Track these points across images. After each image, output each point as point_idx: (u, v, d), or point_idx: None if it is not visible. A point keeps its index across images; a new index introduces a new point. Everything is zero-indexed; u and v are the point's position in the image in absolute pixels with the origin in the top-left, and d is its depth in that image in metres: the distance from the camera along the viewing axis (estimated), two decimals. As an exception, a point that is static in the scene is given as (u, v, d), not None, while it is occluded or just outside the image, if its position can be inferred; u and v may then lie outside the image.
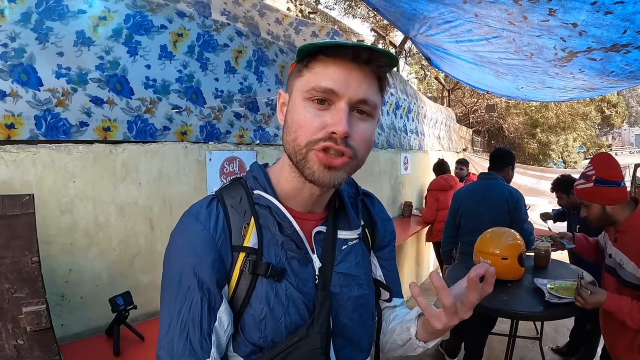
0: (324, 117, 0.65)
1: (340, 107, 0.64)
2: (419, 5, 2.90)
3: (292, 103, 0.70)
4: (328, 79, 0.64)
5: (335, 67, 0.64)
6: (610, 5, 2.16)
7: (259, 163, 0.82)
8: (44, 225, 1.50)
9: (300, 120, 0.67)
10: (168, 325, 0.66)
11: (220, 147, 2.14)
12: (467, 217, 2.99)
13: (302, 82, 0.68)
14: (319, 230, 0.78)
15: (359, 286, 0.80)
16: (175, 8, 1.95)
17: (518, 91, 4.86)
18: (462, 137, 9.55)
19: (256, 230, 0.72)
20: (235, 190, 0.76)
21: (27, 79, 1.52)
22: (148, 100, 1.86)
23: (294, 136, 0.67)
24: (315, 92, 0.65)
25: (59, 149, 1.56)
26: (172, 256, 0.70)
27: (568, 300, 1.89)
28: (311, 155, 0.66)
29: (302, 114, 0.66)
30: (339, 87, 0.64)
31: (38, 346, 1.15)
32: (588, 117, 16.38)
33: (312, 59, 0.66)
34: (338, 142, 0.64)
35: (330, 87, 0.64)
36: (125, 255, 1.73)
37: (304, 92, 0.66)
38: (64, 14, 1.59)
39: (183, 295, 0.66)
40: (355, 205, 0.85)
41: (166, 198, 1.87)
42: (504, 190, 2.89)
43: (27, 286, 1.13)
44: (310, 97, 0.66)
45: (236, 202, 0.74)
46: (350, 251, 0.80)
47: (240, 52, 2.27)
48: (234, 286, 0.71)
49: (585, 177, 1.91)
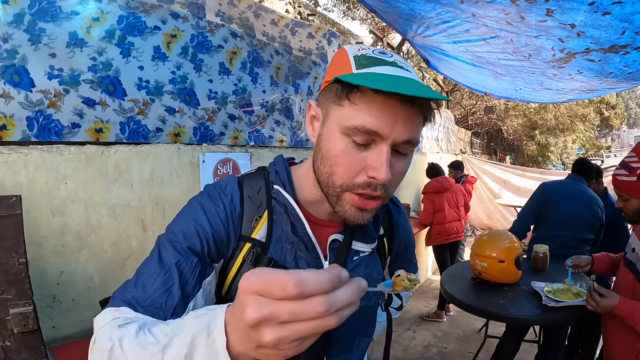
0: (364, 157, 0.61)
1: (382, 149, 0.60)
2: (416, 5, 2.89)
3: (327, 130, 0.65)
4: (373, 119, 0.58)
5: (381, 105, 0.58)
6: (609, 5, 2.15)
7: (283, 157, 0.81)
8: (35, 227, 1.49)
9: (338, 157, 0.62)
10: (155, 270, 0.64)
11: (214, 148, 2.13)
12: (564, 208, 2.80)
13: (342, 113, 0.62)
14: (335, 238, 0.76)
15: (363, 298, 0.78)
16: (169, 9, 1.95)
17: (516, 92, 4.85)
18: (461, 139, 9.55)
19: (267, 225, 0.72)
20: (255, 180, 0.76)
21: (20, 80, 1.52)
22: (141, 101, 1.85)
23: (330, 171, 0.64)
24: (357, 132, 0.60)
25: (50, 150, 1.55)
26: (180, 217, 0.71)
27: (566, 304, 1.85)
28: (346, 196, 0.64)
29: (340, 150, 0.62)
30: (384, 130, 0.59)
31: (26, 348, 1.14)
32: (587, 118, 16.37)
33: (354, 88, 0.60)
34: (377, 188, 0.62)
35: (376, 130, 0.59)
36: (117, 257, 1.72)
37: (344, 127, 0.61)
38: (57, 15, 1.59)
39: (183, 250, 0.66)
40: (377, 216, 0.82)
41: (159, 200, 1.86)
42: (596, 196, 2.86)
43: (15, 288, 1.12)
44: (351, 134, 0.61)
45: (254, 192, 0.74)
46: (360, 263, 0.79)
47: (234, 53, 2.27)
48: (233, 274, 0.71)
49: (629, 169, 1.71)
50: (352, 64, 0.63)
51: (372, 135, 0.60)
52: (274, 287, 0.35)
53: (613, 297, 1.68)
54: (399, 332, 3.93)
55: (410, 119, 0.60)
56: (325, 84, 0.67)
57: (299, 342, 0.37)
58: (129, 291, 0.62)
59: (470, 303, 2.04)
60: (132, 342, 0.49)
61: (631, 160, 1.72)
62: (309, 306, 0.35)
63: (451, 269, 2.70)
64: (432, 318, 4.18)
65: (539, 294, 2.01)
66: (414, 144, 0.63)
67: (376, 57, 0.64)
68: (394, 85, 0.55)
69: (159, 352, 0.45)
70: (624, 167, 1.75)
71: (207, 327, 0.43)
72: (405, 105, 0.59)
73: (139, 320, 0.54)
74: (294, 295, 0.34)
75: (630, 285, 1.73)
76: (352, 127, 0.60)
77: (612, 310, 1.66)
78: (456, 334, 3.88)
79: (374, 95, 0.58)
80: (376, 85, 0.54)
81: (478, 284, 2.25)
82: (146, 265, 0.66)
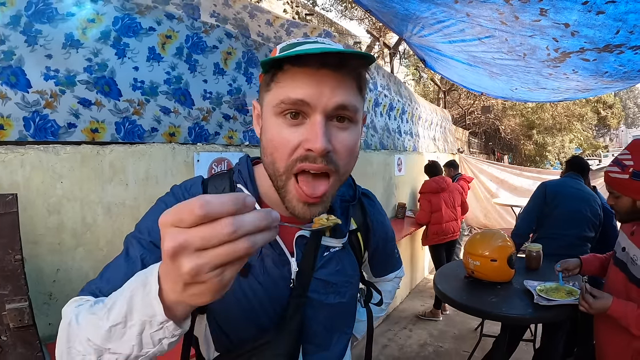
0: (300, 134, 0.60)
1: (315, 119, 0.59)
2: (411, 6, 2.91)
3: (264, 121, 0.65)
4: (297, 90, 0.58)
5: (304, 77, 0.58)
6: (602, 4, 2.16)
7: (249, 156, 0.81)
8: (31, 225, 1.51)
9: (274, 139, 0.62)
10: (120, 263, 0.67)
11: (209, 148, 2.15)
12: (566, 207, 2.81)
13: (270, 96, 0.62)
14: (302, 234, 0.75)
15: (336, 294, 0.78)
16: (164, 10, 1.97)
17: (512, 92, 4.87)
18: (458, 139, 9.57)
19: None
20: (220, 181, 0.76)
21: (16, 81, 1.53)
22: (136, 101, 1.87)
23: (271, 159, 0.63)
24: (285, 105, 0.59)
25: (47, 150, 1.57)
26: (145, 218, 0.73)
27: (557, 303, 1.86)
28: (290, 187, 0.63)
29: (275, 132, 0.61)
30: (310, 97, 0.58)
31: (21, 342, 1.16)
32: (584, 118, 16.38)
33: (279, 70, 0.61)
34: (317, 160, 0.60)
35: (301, 98, 0.58)
36: (112, 255, 1.70)
37: (273, 107, 0.61)
38: (53, 17, 1.61)
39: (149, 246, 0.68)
40: (347, 211, 0.82)
41: (153, 199, 1.85)
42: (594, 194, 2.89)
43: (10, 284, 1.15)
44: (281, 112, 0.60)
45: (218, 192, 0.74)
46: (331, 258, 0.78)
47: (229, 53, 2.29)
48: None
49: (621, 166, 1.70)
50: (278, 53, 0.64)
51: (300, 105, 0.59)
52: (184, 214, 0.36)
53: (606, 298, 1.67)
54: (395, 331, 3.95)
55: (338, 84, 0.59)
56: (260, 81, 0.68)
57: (219, 272, 0.38)
58: (94, 283, 0.66)
59: (463, 302, 2.05)
60: (85, 313, 0.52)
61: (624, 157, 1.71)
62: (216, 229, 0.36)
63: (444, 268, 2.71)
64: (428, 317, 4.21)
65: (531, 292, 2.02)
66: (350, 109, 0.61)
67: (300, 41, 0.64)
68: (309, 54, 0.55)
69: (105, 314, 0.48)
70: (617, 164, 1.74)
71: (144, 281, 0.45)
72: (329, 70, 0.58)
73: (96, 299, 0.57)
74: (200, 217, 0.36)
75: (622, 284, 1.72)
76: (279, 102, 0.60)
77: (605, 312, 1.65)
78: (452, 333, 3.90)
79: (296, 70, 0.59)
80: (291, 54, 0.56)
81: (471, 283, 2.27)
82: (113, 261, 0.69)
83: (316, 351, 0.78)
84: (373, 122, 4.25)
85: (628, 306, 1.60)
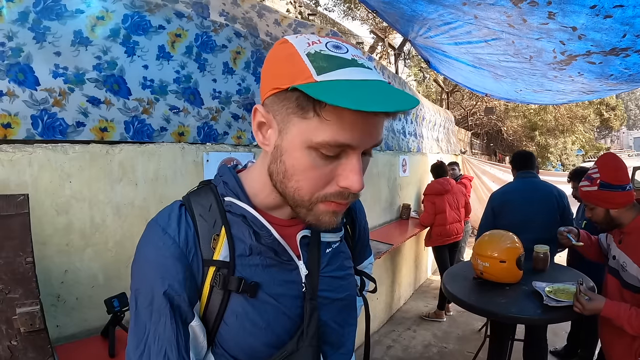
0: (333, 167, 0.58)
1: (355, 159, 0.57)
2: (419, 7, 2.90)
3: (289, 144, 0.59)
4: (346, 133, 0.55)
5: (353, 118, 0.54)
6: (610, 9, 2.16)
7: (227, 165, 0.75)
8: (39, 226, 1.49)
9: (305, 172, 0.58)
10: (144, 345, 0.61)
11: (218, 148, 2.13)
12: (514, 216, 2.84)
13: (307, 127, 0.56)
14: (304, 234, 0.73)
15: (343, 287, 0.78)
16: (173, 8, 1.95)
17: (517, 94, 4.87)
18: (460, 140, 9.56)
19: (227, 242, 0.66)
20: (204, 197, 0.69)
21: (24, 79, 1.51)
22: (145, 100, 1.85)
23: (296, 186, 0.60)
24: (330, 148, 0.56)
25: (55, 149, 1.55)
26: (142, 272, 0.64)
27: (566, 304, 1.88)
28: (319, 207, 0.61)
29: (307, 165, 0.58)
30: (357, 142, 0.56)
31: (32, 347, 1.14)
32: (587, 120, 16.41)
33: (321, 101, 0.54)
34: (349, 196, 0.60)
35: (349, 143, 0.55)
36: (121, 256, 1.72)
37: (312, 142, 0.56)
38: (62, 14, 1.59)
39: (157, 313, 0.62)
40: None
41: (163, 199, 1.86)
42: (550, 186, 2.90)
43: (21, 287, 1.13)
44: (319, 148, 0.56)
45: (205, 210, 0.68)
46: (334, 253, 0.78)
47: (238, 53, 2.27)
48: (205, 302, 0.66)
49: (590, 180, 1.87)
50: (310, 67, 0.55)
51: (343, 147, 0.56)
52: None
53: (599, 300, 1.77)
54: (399, 332, 3.94)
55: (380, 125, 0.58)
56: (275, 90, 0.58)
57: None
58: None
59: (472, 303, 2.06)
60: None
61: (593, 172, 1.89)
62: None
63: (453, 268, 2.72)
64: (432, 318, 4.20)
65: (539, 293, 2.04)
66: (380, 144, 0.60)
67: (334, 55, 0.57)
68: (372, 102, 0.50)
69: None
70: (587, 179, 1.91)
71: None
72: (382, 116, 0.57)
73: None
74: None
75: (617, 290, 1.83)
76: (324, 142, 0.55)
77: (598, 313, 1.75)
78: (456, 334, 3.89)
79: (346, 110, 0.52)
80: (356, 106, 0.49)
81: (480, 284, 2.27)
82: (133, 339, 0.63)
83: (333, 351, 0.77)
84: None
85: (621, 306, 1.69)
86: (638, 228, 1.78)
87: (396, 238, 3.75)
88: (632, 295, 1.73)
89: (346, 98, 0.50)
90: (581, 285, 1.87)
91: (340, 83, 0.53)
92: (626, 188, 1.79)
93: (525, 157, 3.10)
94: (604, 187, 1.80)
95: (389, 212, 4.50)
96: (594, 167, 1.90)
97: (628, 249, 1.78)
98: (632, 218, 1.80)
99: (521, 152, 3.23)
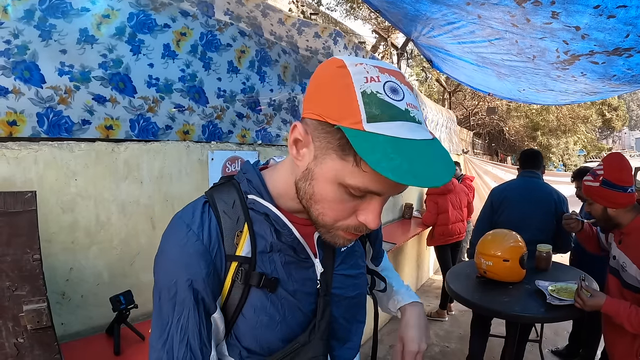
0: (356, 204, 0.61)
1: (378, 204, 0.61)
2: (422, 7, 2.90)
3: (320, 172, 0.60)
4: (378, 186, 0.56)
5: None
6: (613, 9, 2.16)
7: (251, 163, 0.77)
8: (45, 223, 1.49)
9: (331, 203, 0.61)
10: (167, 334, 0.65)
11: (223, 146, 2.14)
12: (512, 213, 2.83)
13: (343, 168, 0.57)
14: None
15: (355, 286, 0.81)
16: (178, 7, 1.95)
17: (520, 93, 4.86)
18: (462, 140, 9.55)
19: (250, 238, 0.69)
20: (227, 194, 0.71)
21: (30, 76, 1.51)
22: (151, 99, 1.86)
23: (321, 211, 0.63)
24: (359, 191, 0.58)
25: (61, 146, 1.55)
26: (166, 267, 0.67)
27: (569, 303, 1.89)
28: (339, 232, 0.65)
29: (333, 198, 0.60)
30: (385, 192, 0.59)
31: (38, 344, 1.14)
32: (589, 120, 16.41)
33: None
34: (366, 230, 0.64)
35: (376, 191, 0.58)
36: (126, 254, 1.73)
37: (344, 182, 0.57)
38: (68, 12, 1.59)
39: (180, 306, 0.65)
40: None
41: (168, 197, 1.86)
42: (550, 189, 2.88)
43: (28, 284, 1.13)
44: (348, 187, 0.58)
45: (229, 207, 0.69)
46: (349, 252, 0.81)
47: (243, 52, 2.27)
48: (226, 295, 0.69)
49: (594, 175, 1.88)
50: (362, 111, 0.53)
51: (371, 192, 0.58)
52: None
53: (600, 296, 1.78)
54: (401, 332, 3.93)
55: None
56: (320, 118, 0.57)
57: None
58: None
59: (476, 301, 2.06)
60: None
61: (598, 168, 1.89)
62: None
63: (456, 267, 2.71)
64: (434, 317, 4.20)
65: (542, 292, 2.04)
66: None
67: (389, 102, 0.54)
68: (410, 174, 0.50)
69: None
70: (591, 174, 1.91)
71: None
72: None
73: None
74: None
75: (618, 290, 1.85)
76: (355, 186, 0.57)
77: (599, 309, 1.76)
78: (458, 333, 3.89)
79: None
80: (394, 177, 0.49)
81: (483, 283, 2.27)
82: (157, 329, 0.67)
83: (340, 346, 0.80)
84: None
85: (621, 304, 1.70)
86: (637, 229, 1.78)
87: (399, 237, 3.75)
88: (632, 295, 1.74)
89: (387, 165, 0.50)
90: (583, 282, 1.87)
91: (387, 142, 0.52)
92: (628, 190, 1.78)
93: (530, 156, 3.09)
94: (606, 185, 1.81)
95: (392, 212, 4.50)
96: (600, 164, 1.91)
97: (627, 250, 1.79)
98: (631, 219, 1.81)
99: (527, 151, 3.22)
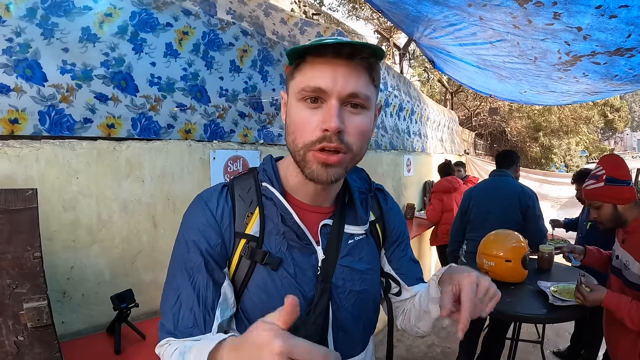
0: (318, 116, 0.68)
1: (331, 104, 0.67)
2: (424, 8, 2.89)
3: (290, 106, 0.73)
4: (316, 78, 0.67)
5: (321, 66, 0.67)
6: (615, 9, 2.15)
7: (273, 156, 0.86)
8: (46, 222, 1.49)
9: (296, 121, 0.70)
10: (176, 297, 0.72)
11: (224, 145, 2.13)
12: (476, 213, 3.00)
13: (294, 84, 0.71)
14: (326, 223, 0.81)
15: (361, 281, 0.82)
16: (181, 6, 1.95)
17: (521, 95, 4.85)
18: (464, 140, 9.54)
19: (259, 220, 0.77)
20: (246, 181, 0.81)
21: (32, 74, 1.51)
22: (153, 97, 1.86)
23: (293, 137, 0.71)
24: (305, 92, 0.68)
25: (62, 145, 1.55)
26: (183, 234, 0.76)
27: (572, 303, 1.89)
28: (309, 156, 0.69)
29: (297, 115, 0.70)
30: (326, 85, 0.66)
31: (38, 342, 1.14)
32: (591, 121, 16.38)
33: (301, 60, 0.69)
34: (332, 139, 0.67)
35: (318, 86, 0.66)
36: (127, 253, 1.72)
37: (296, 93, 0.69)
38: (70, 10, 1.59)
39: (191, 270, 0.72)
40: (366, 201, 0.87)
41: (170, 196, 1.86)
42: (516, 186, 2.95)
43: (29, 282, 1.12)
44: (302, 98, 0.69)
45: (244, 192, 0.79)
46: (355, 246, 0.83)
47: (245, 51, 2.27)
48: (234, 269, 0.76)
49: (596, 177, 1.89)
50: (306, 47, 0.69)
51: (318, 92, 0.67)
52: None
53: (600, 291, 1.78)
54: (402, 331, 3.92)
55: (350, 72, 0.67)
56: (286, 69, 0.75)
57: None
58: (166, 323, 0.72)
59: (477, 302, 2.05)
60: None
61: (597, 170, 1.90)
62: None
63: (457, 268, 2.71)
64: (435, 318, 4.18)
65: (545, 293, 2.04)
66: (362, 96, 0.68)
67: (321, 39, 0.68)
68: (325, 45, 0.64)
69: None
70: (592, 178, 1.92)
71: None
72: (342, 60, 0.66)
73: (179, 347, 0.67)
74: None
75: (619, 289, 1.84)
76: (301, 89, 0.68)
77: (599, 304, 1.76)
78: (459, 335, 3.87)
79: (315, 60, 0.67)
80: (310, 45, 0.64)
81: (485, 284, 2.26)
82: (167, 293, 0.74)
83: (345, 338, 0.81)
84: (383, 123, 4.24)
85: (622, 298, 1.71)
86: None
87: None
88: (634, 294, 1.74)
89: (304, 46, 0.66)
90: (582, 277, 1.87)
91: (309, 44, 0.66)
92: (630, 184, 1.83)
93: (502, 156, 3.22)
94: (611, 182, 1.82)
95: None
96: (597, 166, 1.93)
97: (630, 248, 1.79)
98: (635, 217, 1.82)
99: (500, 152, 3.36)
